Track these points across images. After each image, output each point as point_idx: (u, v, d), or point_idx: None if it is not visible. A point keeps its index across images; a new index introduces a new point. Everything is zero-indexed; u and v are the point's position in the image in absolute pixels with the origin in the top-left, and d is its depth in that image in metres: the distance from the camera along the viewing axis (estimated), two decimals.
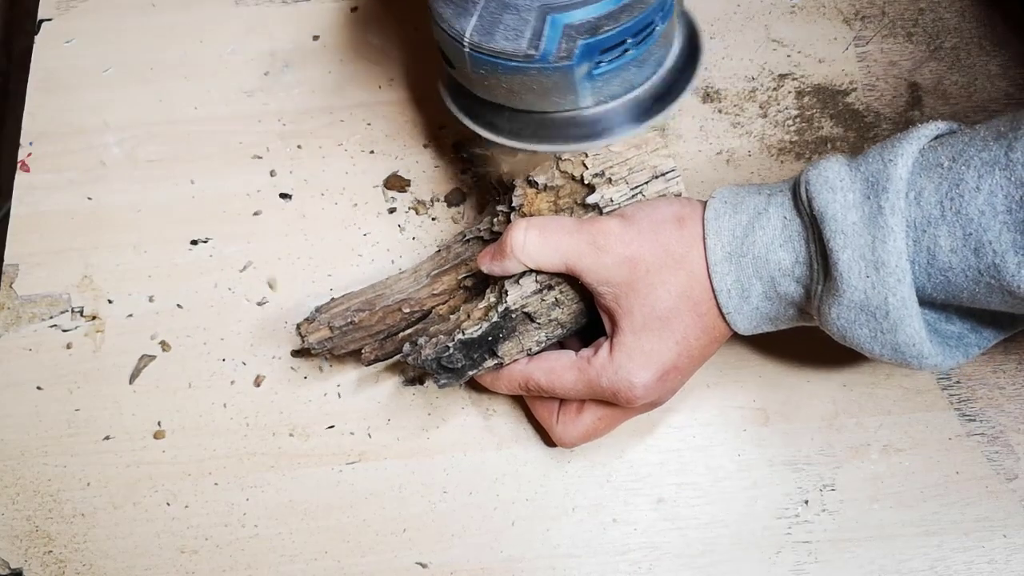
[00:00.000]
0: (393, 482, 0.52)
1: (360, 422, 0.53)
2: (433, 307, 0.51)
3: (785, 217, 0.43)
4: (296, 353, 0.55)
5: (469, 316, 0.48)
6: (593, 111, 0.47)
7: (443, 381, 0.48)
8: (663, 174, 0.47)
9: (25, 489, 0.53)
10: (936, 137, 0.42)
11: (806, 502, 0.51)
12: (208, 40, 0.64)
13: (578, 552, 0.51)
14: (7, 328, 0.56)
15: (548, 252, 0.46)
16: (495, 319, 0.46)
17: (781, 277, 0.43)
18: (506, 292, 0.47)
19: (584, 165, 0.47)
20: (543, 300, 0.47)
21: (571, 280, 0.47)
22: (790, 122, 0.60)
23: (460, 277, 0.52)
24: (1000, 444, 0.52)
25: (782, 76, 0.61)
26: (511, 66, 0.44)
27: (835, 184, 0.41)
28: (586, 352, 0.47)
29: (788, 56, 0.62)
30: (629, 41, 0.45)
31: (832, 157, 0.43)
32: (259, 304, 0.56)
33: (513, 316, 0.47)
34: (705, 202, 0.46)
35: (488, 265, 0.47)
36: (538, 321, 0.47)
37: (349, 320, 0.50)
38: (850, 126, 0.60)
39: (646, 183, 0.47)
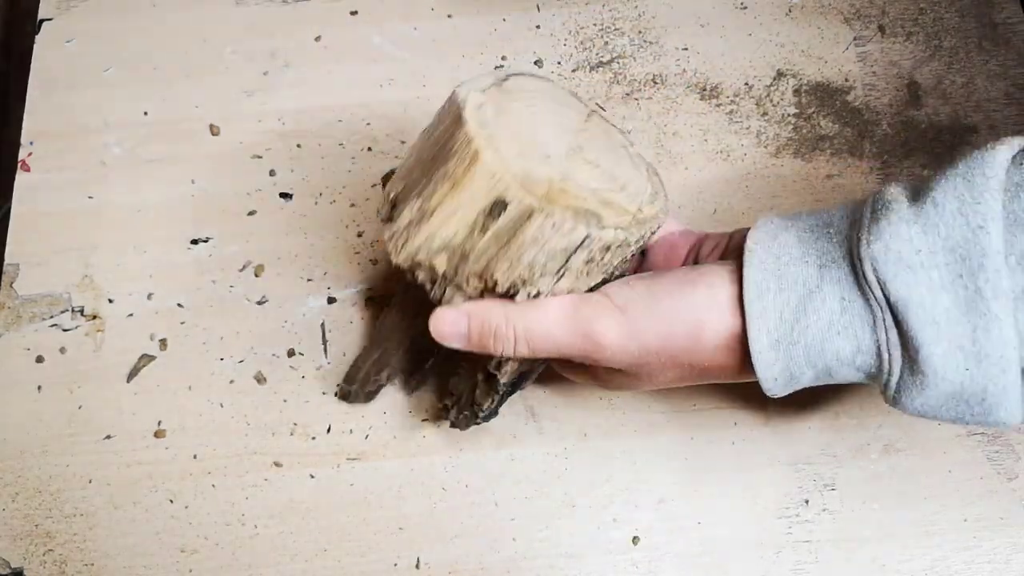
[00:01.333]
0: (392, 481, 0.52)
1: (359, 421, 0.53)
2: None
3: (843, 298, 0.36)
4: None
5: (477, 394, 0.46)
6: None
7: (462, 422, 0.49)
8: (577, 244, 0.38)
9: (25, 488, 0.53)
10: (1009, 165, 0.35)
11: (806, 502, 0.51)
12: (208, 40, 0.64)
13: (578, 552, 0.51)
14: (7, 328, 0.56)
15: (542, 353, 0.41)
16: (502, 391, 0.46)
17: (839, 366, 0.37)
18: (496, 379, 0.44)
19: (491, 279, 0.40)
20: (535, 361, 0.44)
21: None
22: (789, 120, 0.60)
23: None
24: (1000, 444, 0.52)
25: (781, 74, 0.61)
26: None
27: (912, 261, 0.34)
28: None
29: (787, 55, 0.62)
30: None
31: (893, 214, 0.36)
32: (259, 303, 0.56)
33: (517, 382, 0.47)
34: (738, 267, 0.39)
35: (456, 342, 0.42)
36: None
37: (376, 384, 0.52)
38: (849, 123, 0.60)
39: (563, 265, 0.39)
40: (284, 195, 0.59)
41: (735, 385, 0.53)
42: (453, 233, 0.39)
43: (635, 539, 0.51)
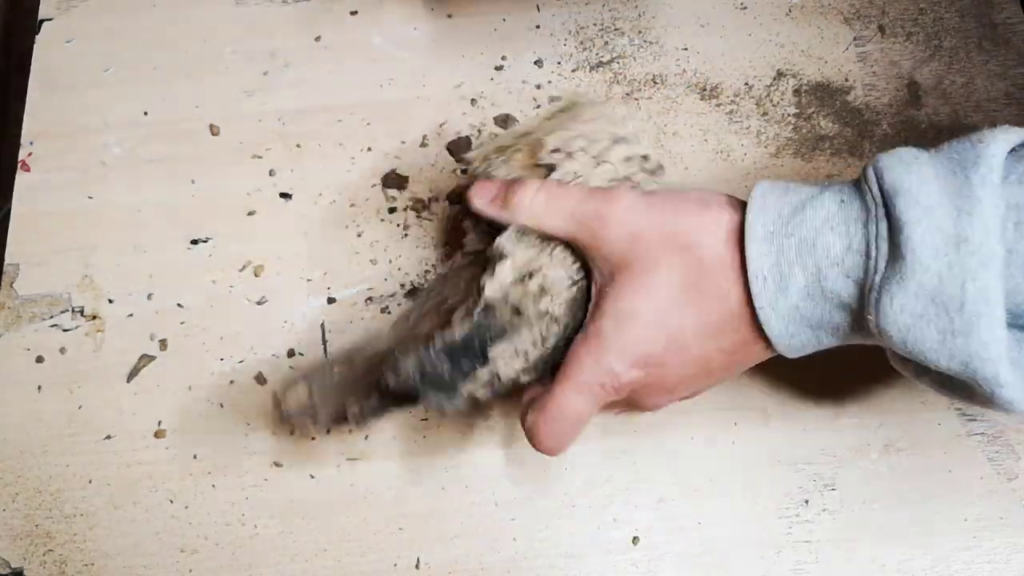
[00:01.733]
0: (392, 481, 0.52)
1: None
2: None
3: (842, 200, 0.36)
4: (285, 425, 0.50)
5: (451, 324, 0.44)
6: None
7: (433, 400, 0.43)
8: (622, 138, 0.44)
9: (25, 488, 0.53)
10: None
11: (806, 502, 0.51)
12: (208, 40, 0.64)
13: (578, 552, 0.51)
14: (7, 328, 0.56)
15: (553, 214, 0.41)
16: (477, 319, 0.42)
17: (828, 268, 0.36)
18: (482, 287, 0.43)
19: (540, 145, 0.44)
20: (526, 289, 0.42)
21: (556, 265, 0.43)
22: (789, 120, 0.60)
23: (444, 309, 0.47)
24: (1000, 444, 0.52)
25: (781, 74, 0.61)
26: None
27: (910, 160, 0.35)
28: (567, 362, 0.42)
29: (787, 55, 0.62)
30: None
31: (906, 147, 0.37)
32: (259, 304, 0.56)
33: (498, 313, 0.43)
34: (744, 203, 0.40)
35: (483, 204, 0.43)
36: (527, 314, 0.42)
37: (327, 380, 0.45)
38: (849, 123, 0.60)
39: (607, 149, 0.44)
40: (284, 195, 0.59)
41: (735, 385, 0.53)
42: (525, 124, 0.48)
43: (635, 539, 0.51)
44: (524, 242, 0.43)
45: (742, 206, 0.40)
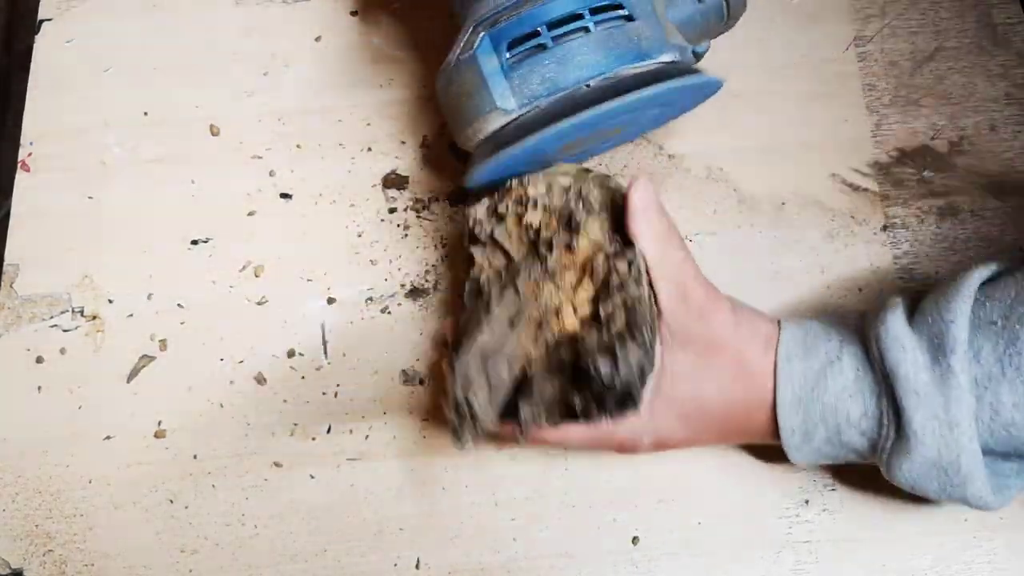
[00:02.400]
0: (392, 482, 0.52)
1: (359, 422, 0.53)
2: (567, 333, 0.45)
3: (858, 369, 0.44)
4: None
5: (612, 323, 0.44)
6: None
7: (637, 399, 0.43)
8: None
9: (25, 488, 0.53)
10: (983, 283, 0.44)
11: (806, 502, 0.51)
12: (208, 40, 0.64)
13: (578, 552, 0.51)
14: (7, 328, 0.56)
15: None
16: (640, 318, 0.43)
17: (847, 427, 0.44)
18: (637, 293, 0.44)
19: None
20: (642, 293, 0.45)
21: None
22: (789, 120, 0.60)
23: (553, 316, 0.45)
24: None
25: (781, 74, 0.61)
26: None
27: (904, 343, 0.42)
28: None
29: (787, 54, 0.62)
30: (544, 33, 0.42)
31: (895, 310, 0.44)
32: (259, 304, 0.56)
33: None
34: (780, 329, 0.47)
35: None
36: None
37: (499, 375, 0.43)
38: (849, 123, 0.60)
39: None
40: (284, 195, 0.59)
41: None
42: None
43: (635, 539, 0.51)
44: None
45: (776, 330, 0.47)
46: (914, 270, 0.56)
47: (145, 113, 0.62)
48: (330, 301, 0.56)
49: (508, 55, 0.43)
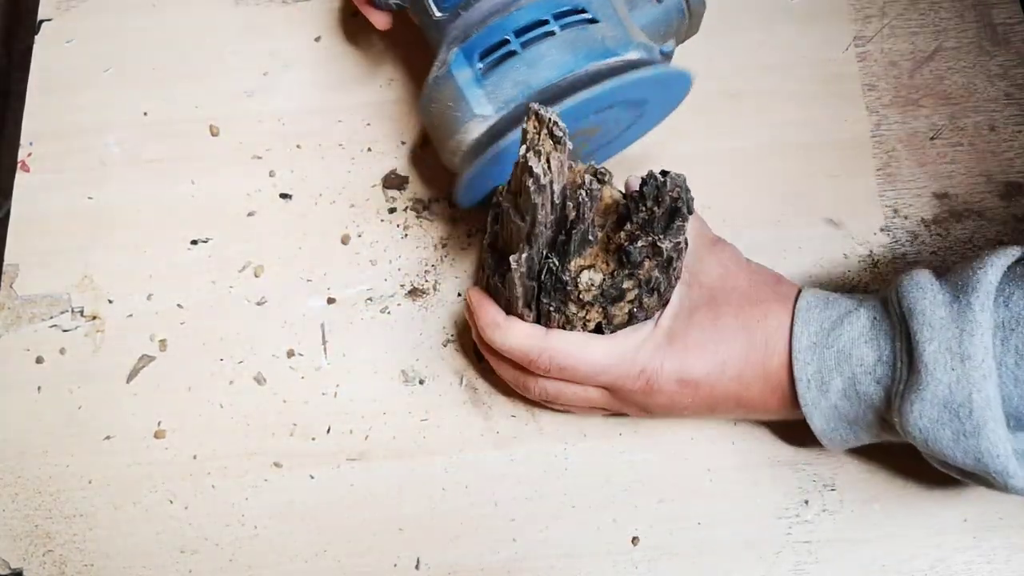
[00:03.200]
0: (392, 481, 0.52)
1: (359, 422, 0.53)
2: None
3: (875, 317, 0.43)
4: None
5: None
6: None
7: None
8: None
9: (25, 489, 0.53)
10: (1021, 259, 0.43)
11: (806, 502, 0.51)
12: (208, 40, 0.64)
13: (578, 552, 0.51)
14: (7, 328, 0.56)
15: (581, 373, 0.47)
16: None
17: (862, 375, 0.43)
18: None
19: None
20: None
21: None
22: (790, 120, 0.60)
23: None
24: None
25: (781, 75, 0.61)
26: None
27: (925, 285, 0.42)
28: (626, 330, 0.47)
29: (787, 54, 0.62)
30: (512, 41, 0.44)
31: (923, 268, 0.44)
32: (258, 304, 0.56)
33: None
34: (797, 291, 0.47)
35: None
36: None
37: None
38: (849, 124, 0.60)
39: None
40: (284, 195, 0.59)
41: None
42: None
43: (635, 539, 0.51)
44: None
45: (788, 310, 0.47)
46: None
47: (145, 113, 0.62)
48: (330, 301, 0.56)
49: (480, 65, 0.45)
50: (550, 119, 0.40)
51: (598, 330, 0.47)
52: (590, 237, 0.43)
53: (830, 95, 0.61)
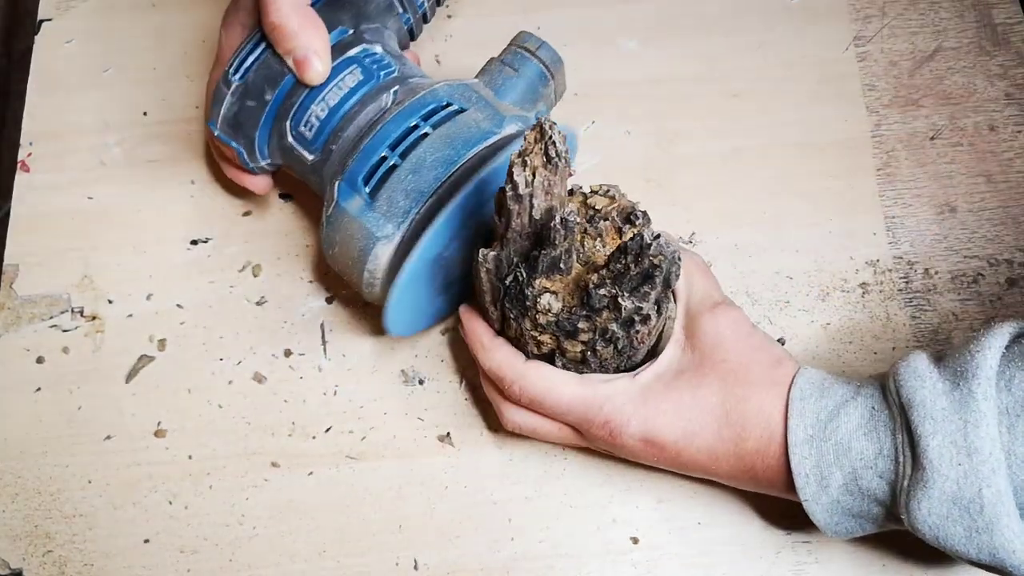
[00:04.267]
0: (392, 481, 0.52)
1: (358, 422, 0.53)
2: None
3: (873, 407, 0.42)
4: None
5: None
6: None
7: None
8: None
9: (25, 489, 0.53)
10: (1019, 336, 0.41)
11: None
12: (208, 40, 0.64)
13: (578, 552, 0.51)
14: (7, 328, 0.56)
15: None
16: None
17: (863, 469, 0.41)
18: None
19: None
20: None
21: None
22: (790, 120, 0.60)
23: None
24: None
25: (781, 75, 0.61)
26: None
27: (923, 373, 0.40)
28: (604, 377, 0.46)
29: (787, 54, 0.62)
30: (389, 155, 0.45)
31: (919, 352, 0.42)
32: (258, 304, 0.56)
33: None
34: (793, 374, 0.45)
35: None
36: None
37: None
38: (850, 124, 0.60)
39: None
40: (284, 195, 0.59)
41: None
42: None
43: (635, 539, 0.51)
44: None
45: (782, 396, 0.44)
46: (914, 270, 0.56)
47: (145, 113, 0.62)
48: (329, 301, 0.56)
49: (367, 189, 0.45)
50: (550, 136, 0.39)
51: (550, 357, 0.46)
52: (562, 265, 0.43)
53: (830, 95, 0.61)
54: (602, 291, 0.41)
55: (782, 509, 0.51)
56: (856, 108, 0.60)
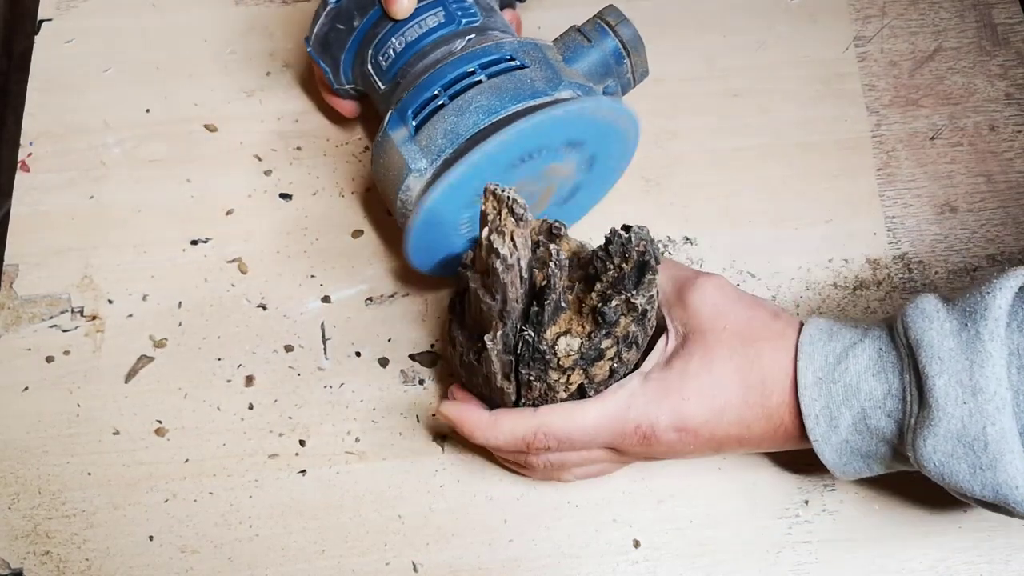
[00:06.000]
0: (392, 481, 0.52)
1: (358, 422, 0.53)
2: None
3: (881, 349, 0.42)
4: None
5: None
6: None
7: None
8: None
9: (25, 489, 0.53)
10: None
11: (806, 502, 0.51)
12: (208, 40, 0.64)
13: (578, 552, 0.51)
14: (7, 328, 0.56)
15: (580, 445, 0.46)
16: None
17: (872, 409, 0.42)
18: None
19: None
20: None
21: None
22: (790, 120, 0.60)
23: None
24: None
25: (782, 74, 0.61)
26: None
27: (931, 314, 0.40)
28: (613, 387, 0.46)
29: (787, 54, 0.62)
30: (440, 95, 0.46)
31: (929, 294, 0.42)
32: (258, 304, 0.56)
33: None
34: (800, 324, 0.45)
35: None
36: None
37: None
38: (850, 124, 0.60)
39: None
40: (284, 195, 0.59)
41: None
42: None
43: (635, 540, 0.51)
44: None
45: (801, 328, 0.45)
46: (914, 270, 0.56)
47: (147, 111, 0.62)
48: (330, 301, 0.56)
49: (414, 122, 0.46)
50: (509, 197, 0.40)
51: (581, 391, 0.46)
52: (562, 304, 0.43)
53: (830, 95, 0.61)
54: (614, 303, 0.42)
55: (782, 510, 0.51)
56: (856, 108, 0.60)
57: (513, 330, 0.43)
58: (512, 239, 0.40)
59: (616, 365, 0.45)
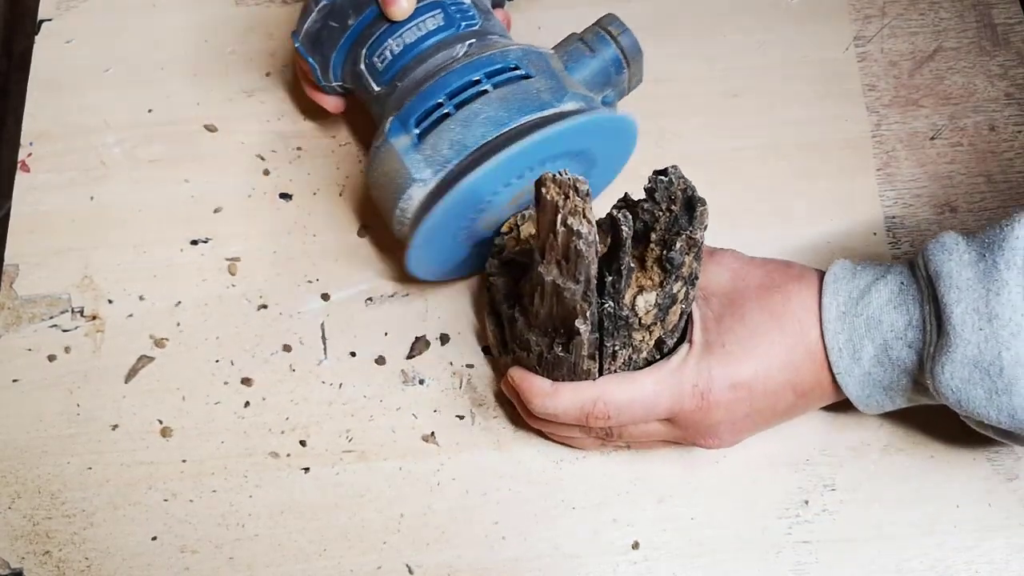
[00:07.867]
0: (392, 481, 0.52)
1: (358, 421, 0.53)
2: None
3: (902, 283, 0.43)
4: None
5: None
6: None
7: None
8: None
9: (25, 489, 0.53)
10: None
11: (806, 502, 0.51)
12: (208, 40, 0.64)
13: (578, 552, 0.51)
14: (7, 328, 0.56)
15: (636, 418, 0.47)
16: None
17: (894, 340, 0.43)
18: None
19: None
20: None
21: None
22: (791, 120, 0.60)
23: None
24: (1000, 444, 0.52)
25: (780, 74, 0.61)
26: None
27: (951, 247, 0.42)
28: (661, 360, 0.47)
29: (787, 54, 0.62)
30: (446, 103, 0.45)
31: (950, 231, 0.43)
32: (257, 303, 0.56)
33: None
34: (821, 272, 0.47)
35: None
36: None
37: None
38: (850, 124, 0.60)
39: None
40: (284, 195, 0.59)
41: None
42: None
43: (635, 540, 0.51)
44: None
45: (820, 274, 0.47)
46: None
47: (149, 111, 0.62)
48: (329, 300, 0.56)
49: (416, 130, 0.46)
50: (570, 178, 0.40)
51: (659, 345, 0.47)
52: (632, 264, 0.43)
53: (830, 95, 0.61)
54: (678, 244, 0.43)
55: (782, 510, 0.51)
56: (856, 108, 0.60)
57: (594, 308, 0.44)
58: (584, 216, 0.40)
59: (685, 306, 0.46)
